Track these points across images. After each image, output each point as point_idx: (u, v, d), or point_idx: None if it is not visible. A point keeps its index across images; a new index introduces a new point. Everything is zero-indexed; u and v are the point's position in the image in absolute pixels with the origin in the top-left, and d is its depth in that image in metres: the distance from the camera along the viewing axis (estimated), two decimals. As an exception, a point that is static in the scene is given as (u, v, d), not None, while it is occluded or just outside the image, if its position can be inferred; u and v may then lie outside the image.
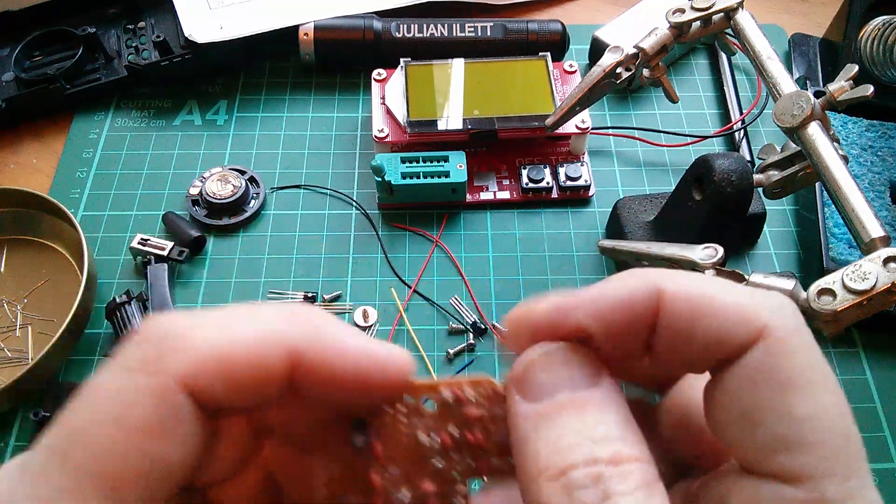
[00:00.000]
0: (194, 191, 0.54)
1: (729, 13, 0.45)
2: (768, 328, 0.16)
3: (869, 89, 0.39)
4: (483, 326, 0.48)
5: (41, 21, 0.61)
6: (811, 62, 0.60)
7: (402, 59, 0.56)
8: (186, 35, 0.58)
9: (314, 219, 0.54)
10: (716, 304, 0.17)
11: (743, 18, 0.44)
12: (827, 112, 0.39)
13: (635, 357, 0.18)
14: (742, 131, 0.58)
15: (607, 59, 0.45)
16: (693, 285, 0.17)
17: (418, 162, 0.52)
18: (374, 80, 0.57)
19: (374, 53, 0.60)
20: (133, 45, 0.61)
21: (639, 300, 0.17)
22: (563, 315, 0.18)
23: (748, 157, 0.56)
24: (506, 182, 0.55)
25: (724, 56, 0.62)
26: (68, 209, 0.49)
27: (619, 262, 0.51)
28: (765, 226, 0.52)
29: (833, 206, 0.42)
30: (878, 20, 0.54)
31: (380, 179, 0.51)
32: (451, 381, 0.19)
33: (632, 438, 0.16)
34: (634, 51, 0.46)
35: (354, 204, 0.55)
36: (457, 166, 0.52)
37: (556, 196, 0.55)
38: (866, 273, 0.32)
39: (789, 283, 0.35)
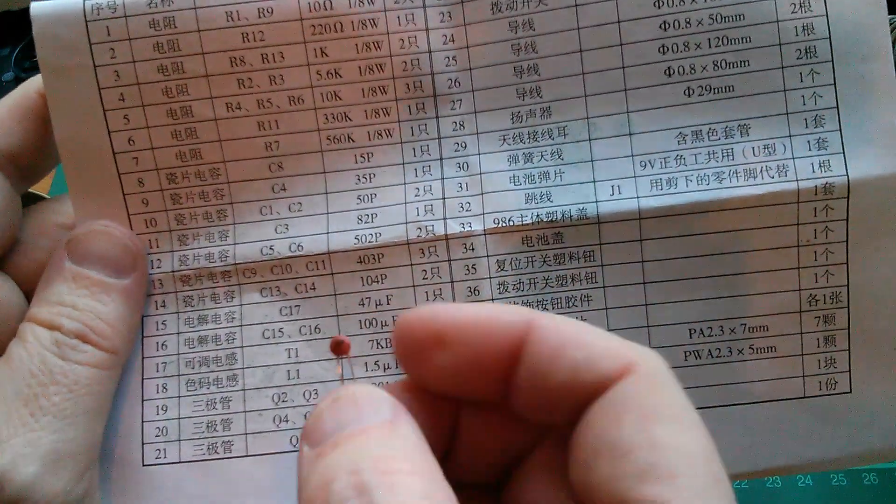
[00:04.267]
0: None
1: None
2: (636, 364, 0.16)
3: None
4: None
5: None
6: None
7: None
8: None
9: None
10: (584, 338, 0.16)
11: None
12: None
13: (492, 394, 0.17)
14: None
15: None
16: (566, 321, 0.17)
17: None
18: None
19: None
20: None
21: (506, 321, 0.17)
22: (429, 319, 0.17)
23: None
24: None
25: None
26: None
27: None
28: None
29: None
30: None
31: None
32: None
33: (414, 458, 0.15)
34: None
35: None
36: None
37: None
38: None
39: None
